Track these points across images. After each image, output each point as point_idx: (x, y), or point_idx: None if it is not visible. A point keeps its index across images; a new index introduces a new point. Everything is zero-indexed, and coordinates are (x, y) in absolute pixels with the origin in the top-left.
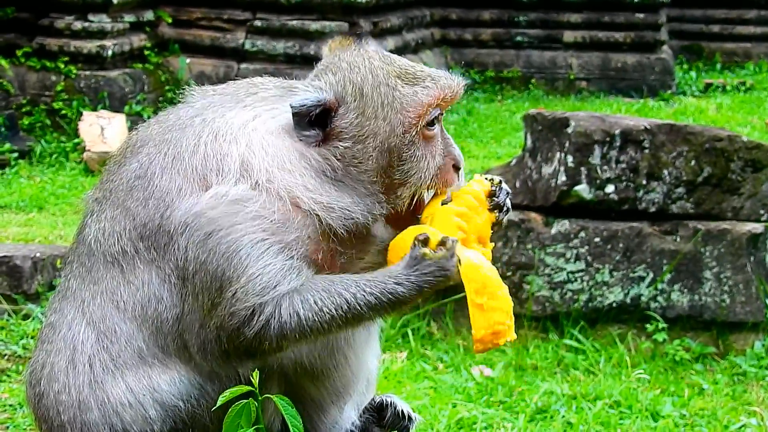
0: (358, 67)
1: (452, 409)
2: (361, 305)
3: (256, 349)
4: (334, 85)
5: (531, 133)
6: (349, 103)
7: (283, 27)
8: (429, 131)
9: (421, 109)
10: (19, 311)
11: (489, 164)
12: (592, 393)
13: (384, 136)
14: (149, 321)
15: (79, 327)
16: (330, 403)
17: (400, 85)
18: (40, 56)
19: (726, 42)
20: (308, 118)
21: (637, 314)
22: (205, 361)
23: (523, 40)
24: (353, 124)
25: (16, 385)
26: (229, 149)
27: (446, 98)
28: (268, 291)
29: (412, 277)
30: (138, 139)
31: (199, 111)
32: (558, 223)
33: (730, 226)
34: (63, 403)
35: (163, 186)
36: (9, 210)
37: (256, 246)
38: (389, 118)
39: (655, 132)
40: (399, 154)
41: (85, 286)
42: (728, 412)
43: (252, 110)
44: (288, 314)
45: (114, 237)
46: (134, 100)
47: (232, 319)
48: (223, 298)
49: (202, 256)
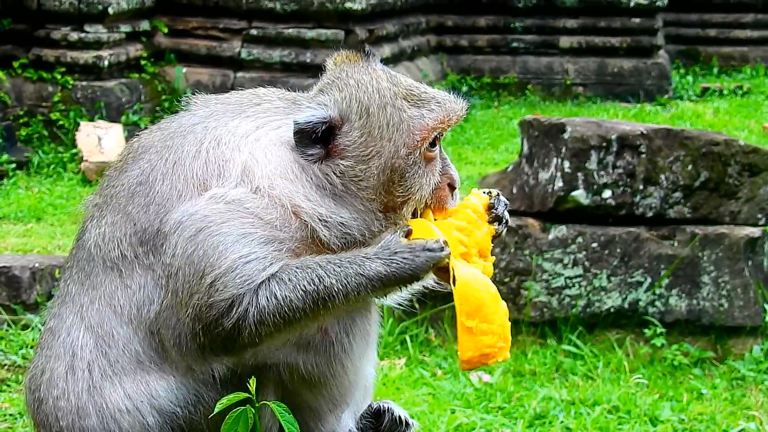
0: (365, 86)
1: (451, 415)
2: (333, 279)
3: (234, 341)
4: (339, 102)
5: (528, 138)
6: (354, 122)
7: (279, 35)
8: (431, 152)
9: (426, 133)
10: (18, 321)
11: (486, 170)
12: (591, 398)
13: (388, 156)
14: (143, 324)
15: (77, 332)
16: (327, 411)
17: (406, 106)
18: (37, 67)
19: (723, 46)
20: (313, 135)
21: (635, 319)
22: (181, 356)
23: (519, 46)
24: (357, 143)
25: (16, 394)
26: (232, 155)
27: (450, 121)
28: (248, 281)
29: (383, 257)
30: (139, 146)
31: (202, 119)
32: (555, 229)
33: (727, 230)
34: (62, 408)
35: (164, 192)
36: (7, 221)
37: (243, 237)
38: (394, 139)
39: (652, 137)
40: (401, 173)
41: (84, 290)
42: (727, 416)
43: (255, 121)
44: (266, 298)
45: (114, 242)
46: (131, 110)
47: (210, 310)
48: (201, 286)
49: (189, 249)
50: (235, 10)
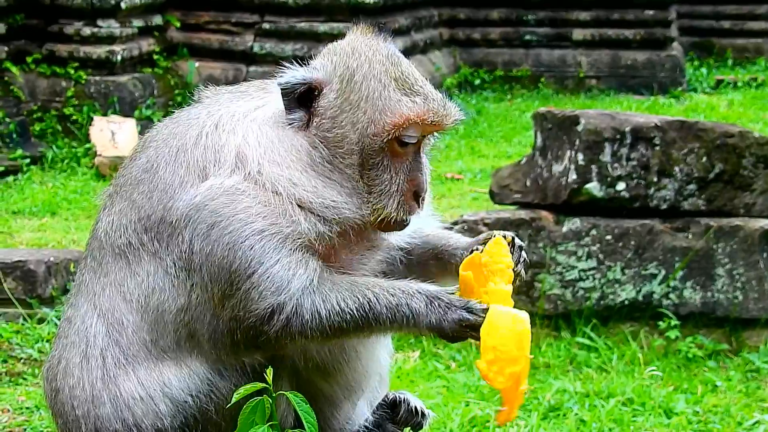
0: (359, 55)
1: (465, 407)
2: (383, 310)
3: (274, 344)
4: (327, 66)
5: (541, 131)
6: (334, 85)
7: (292, 29)
8: (399, 148)
9: (398, 120)
10: (34, 315)
11: (499, 163)
12: (605, 390)
13: (361, 129)
14: (150, 311)
15: (91, 320)
16: (342, 399)
17: (392, 87)
18: (50, 62)
19: (737, 38)
20: (295, 95)
21: (649, 312)
22: (215, 350)
23: (532, 39)
24: (333, 106)
25: (32, 387)
26: (227, 140)
27: (428, 121)
28: (284, 289)
29: (435, 304)
30: (150, 136)
31: (207, 106)
32: (569, 222)
33: (742, 222)
34: (77, 397)
35: (167, 178)
36: (22, 215)
37: (258, 237)
38: (368, 114)
39: (666, 129)
40: (368, 157)
41: (97, 278)
42: (741, 408)
43: (256, 101)
44: (310, 313)
45: (121, 229)
46: (144, 105)
47: (249, 316)
48: (236, 292)
49: (207, 247)
50: (248, 4)
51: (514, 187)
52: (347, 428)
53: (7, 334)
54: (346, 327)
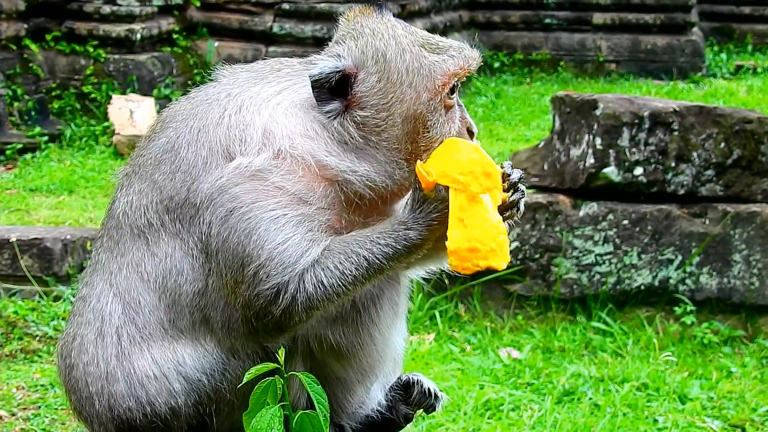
0: (381, 34)
1: (479, 390)
2: (380, 258)
3: (286, 324)
4: (353, 51)
5: (559, 115)
6: (370, 68)
7: (311, 10)
8: (450, 99)
9: (447, 78)
10: (50, 293)
11: (517, 147)
12: (620, 375)
13: (410, 102)
14: (168, 292)
15: (107, 299)
16: (356, 382)
17: (425, 52)
18: (70, 40)
19: (757, 23)
20: (328, 86)
21: (665, 297)
22: (229, 337)
23: (552, 22)
24: (376, 90)
25: (47, 365)
26: (252, 119)
27: (468, 68)
28: (289, 268)
29: (420, 219)
30: (168, 116)
31: (226, 87)
32: (586, 206)
33: (759, 208)
34: (91, 374)
35: (190, 159)
36: (39, 193)
37: (275, 221)
38: (415, 84)
39: (684, 114)
40: (424, 121)
41: (113, 258)
42: (756, 395)
43: (277, 85)
44: (313, 285)
45: (141, 209)
46: (163, 84)
47: (258, 299)
48: (245, 276)
49: (224, 233)
50: None
51: (532, 171)
52: (360, 411)
53: (22, 312)
54: (350, 288)
